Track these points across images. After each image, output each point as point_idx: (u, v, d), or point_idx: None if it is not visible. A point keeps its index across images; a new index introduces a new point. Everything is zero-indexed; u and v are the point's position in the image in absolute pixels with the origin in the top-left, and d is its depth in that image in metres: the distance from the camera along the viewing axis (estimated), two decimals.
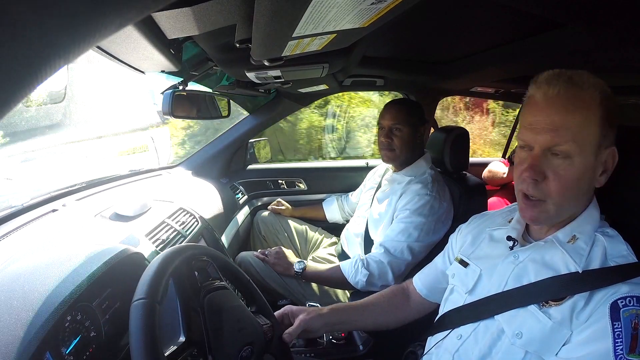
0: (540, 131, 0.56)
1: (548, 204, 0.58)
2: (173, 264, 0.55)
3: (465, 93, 1.98)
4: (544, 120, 0.55)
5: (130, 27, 0.49)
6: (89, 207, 0.98)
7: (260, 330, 0.66)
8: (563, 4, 0.63)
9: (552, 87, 0.55)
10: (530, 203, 0.59)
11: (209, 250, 0.67)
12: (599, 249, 0.58)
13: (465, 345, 0.66)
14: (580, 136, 0.54)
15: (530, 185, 0.58)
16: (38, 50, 0.15)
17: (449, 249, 0.86)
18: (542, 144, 0.56)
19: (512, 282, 0.63)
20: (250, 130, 1.76)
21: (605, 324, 0.50)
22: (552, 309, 0.56)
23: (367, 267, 1.16)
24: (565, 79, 0.55)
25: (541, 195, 0.58)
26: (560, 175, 0.56)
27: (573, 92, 0.54)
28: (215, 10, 0.53)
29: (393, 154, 1.30)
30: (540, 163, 0.57)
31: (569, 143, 0.54)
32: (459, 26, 1.01)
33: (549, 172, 0.56)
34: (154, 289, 0.49)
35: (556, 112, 0.55)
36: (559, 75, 0.56)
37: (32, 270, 0.59)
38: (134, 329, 0.45)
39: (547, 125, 0.55)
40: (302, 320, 0.76)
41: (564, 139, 0.54)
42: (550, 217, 0.59)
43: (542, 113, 0.56)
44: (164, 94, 1.17)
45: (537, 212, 0.59)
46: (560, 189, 0.56)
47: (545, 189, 0.57)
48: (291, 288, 1.29)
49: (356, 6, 0.50)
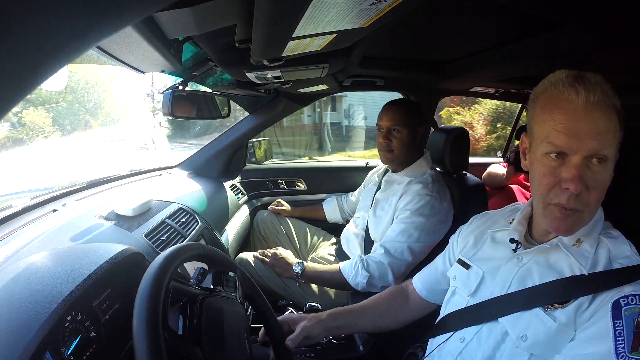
0: (585, 136, 0.52)
1: (584, 213, 0.55)
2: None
3: (465, 93, 1.98)
4: (589, 125, 0.53)
5: (130, 27, 0.49)
6: (89, 207, 0.98)
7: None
8: (563, 4, 0.63)
9: (592, 93, 0.53)
10: (568, 213, 0.56)
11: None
12: (603, 250, 0.58)
13: (468, 348, 0.66)
14: (616, 139, 0.54)
15: (571, 198, 0.54)
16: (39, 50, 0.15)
17: (449, 250, 0.85)
18: (588, 151, 0.53)
19: (515, 285, 0.63)
20: (250, 130, 1.76)
21: (607, 323, 0.50)
22: (557, 312, 0.56)
23: (367, 269, 1.16)
24: (596, 83, 0.54)
25: (581, 207, 0.55)
26: (599, 182, 0.54)
27: (608, 99, 0.54)
28: (215, 10, 0.53)
29: (392, 155, 1.30)
30: (584, 173, 0.53)
31: (611, 147, 0.53)
32: (459, 26, 1.01)
33: (589, 180, 0.54)
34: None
35: (600, 117, 0.53)
36: (587, 78, 0.55)
37: (32, 271, 0.59)
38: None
39: (593, 130, 0.52)
40: (304, 327, 0.76)
41: (608, 142, 0.53)
42: (584, 225, 0.58)
43: (586, 119, 0.53)
44: (163, 94, 1.17)
45: (572, 223, 0.56)
46: (599, 196, 0.55)
47: (585, 199, 0.54)
48: (291, 289, 1.28)
49: (356, 6, 0.50)
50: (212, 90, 1.41)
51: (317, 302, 1.01)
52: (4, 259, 0.67)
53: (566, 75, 0.56)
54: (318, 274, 1.25)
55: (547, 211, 0.58)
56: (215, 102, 1.38)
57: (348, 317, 0.83)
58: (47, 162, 2.15)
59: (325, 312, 0.81)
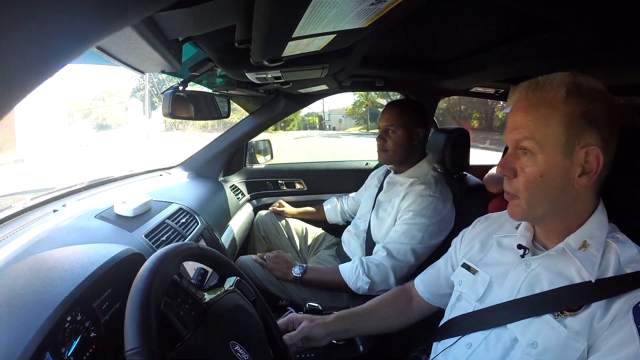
0: (508, 130, 0.62)
1: (520, 200, 0.61)
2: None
3: (465, 93, 1.98)
4: (511, 121, 0.62)
5: (130, 28, 0.49)
6: (90, 207, 0.98)
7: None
8: (563, 4, 0.63)
9: (518, 94, 0.61)
10: (508, 197, 0.63)
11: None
12: (611, 255, 0.57)
13: (475, 354, 0.65)
14: (539, 134, 0.57)
15: (505, 182, 0.63)
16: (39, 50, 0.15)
17: (451, 253, 0.84)
18: (510, 142, 0.62)
19: (524, 291, 0.62)
20: (250, 131, 1.76)
21: (631, 328, 0.49)
22: (568, 319, 0.56)
23: (368, 274, 1.15)
24: (532, 84, 0.60)
25: (513, 190, 0.62)
26: (524, 172, 0.59)
27: (536, 94, 0.59)
28: (214, 10, 0.53)
29: (386, 155, 1.32)
30: (510, 160, 0.61)
31: (528, 140, 0.58)
32: (459, 26, 1.01)
33: (516, 168, 0.61)
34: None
35: (518, 113, 0.60)
36: (529, 83, 0.61)
37: (32, 271, 0.59)
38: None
39: (512, 125, 0.61)
40: (305, 326, 0.76)
41: (523, 135, 0.59)
42: (524, 211, 0.61)
43: (511, 116, 0.62)
44: (163, 94, 1.17)
45: (512, 207, 0.63)
46: (525, 183, 0.60)
47: (515, 185, 0.61)
48: (290, 292, 1.28)
49: (356, 7, 0.50)
50: (212, 90, 1.42)
51: (317, 303, 1.01)
52: (4, 259, 0.67)
53: (525, 82, 0.62)
54: (317, 278, 1.24)
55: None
56: (215, 102, 1.38)
57: (353, 320, 0.83)
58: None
59: (331, 316, 0.81)
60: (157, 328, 0.47)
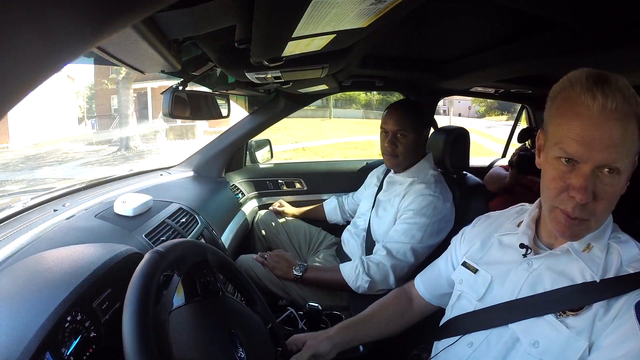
0: (597, 147, 0.50)
1: (591, 222, 0.55)
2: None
3: (465, 93, 1.99)
4: (602, 135, 0.50)
5: (130, 28, 0.49)
6: (90, 207, 0.99)
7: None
8: (563, 4, 0.63)
9: (611, 100, 0.50)
10: (574, 222, 0.54)
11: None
12: (613, 255, 0.57)
13: (476, 353, 0.65)
14: (632, 151, 0.52)
15: (577, 207, 0.53)
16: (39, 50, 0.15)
17: (451, 252, 0.84)
18: (599, 162, 0.51)
19: (526, 290, 0.62)
20: (250, 130, 1.76)
21: (633, 324, 0.50)
22: (570, 319, 0.55)
23: (368, 273, 1.15)
24: (617, 88, 0.51)
25: (587, 216, 0.54)
26: (609, 194, 0.52)
27: (628, 107, 0.50)
28: (215, 10, 0.53)
29: (396, 160, 1.29)
30: (591, 183, 0.51)
31: (623, 160, 0.51)
32: (459, 26, 1.01)
33: (598, 191, 0.52)
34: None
35: (615, 127, 0.49)
36: (607, 81, 0.51)
37: (32, 271, 0.59)
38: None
39: (607, 141, 0.50)
40: (310, 345, 0.75)
41: (621, 155, 0.50)
42: (590, 232, 0.57)
43: (600, 127, 0.50)
44: (163, 94, 1.17)
45: (577, 231, 0.56)
46: (607, 207, 0.54)
47: (591, 209, 0.53)
48: (291, 291, 1.28)
49: (356, 6, 0.50)
50: (212, 90, 1.41)
51: (317, 303, 1.01)
52: (4, 259, 0.67)
53: (586, 76, 0.53)
54: (318, 277, 1.24)
55: (553, 214, 0.57)
56: (215, 102, 1.37)
57: (357, 328, 0.82)
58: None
59: (334, 328, 0.80)
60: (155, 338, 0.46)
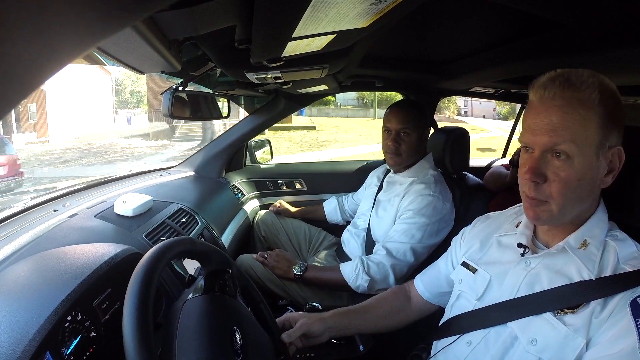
0: (539, 132, 0.57)
1: (551, 205, 0.58)
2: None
3: (465, 93, 1.98)
4: (542, 121, 0.56)
5: (129, 28, 0.49)
6: (90, 207, 0.99)
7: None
8: (563, 4, 0.63)
9: (548, 90, 0.56)
10: (534, 203, 0.59)
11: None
12: (610, 254, 0.58)
13: (475, 352, 0.65)
14: (579, 136, 0.54)
15: (531, 188, 0.58)
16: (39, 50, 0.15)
17: (451, 252, 0.84)
18: (541, 145, 0.57)
19: (524, 289, 0.62)
20: (250, 131, 1.76)
21: (628, 322, 0.50)
22: (567, 317, 0.56)
23: (368, 272, 1.15)
24: (562, 81, 0.56)
25: (543, 197, 0.58)
26: (561, 177, 0.56)
27: (570, 93, 0.55)
28: (215, 10, 0.53)
29: (399, 159, 1.28)
30: (540, 165, 0.57)
31: (567, 143, 0.55)
32: (459, 26, 1.01)
33: (549, 173, 0.57)
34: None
35: (554, 113, 0.55)
36: (555, 77, 0.57)
37: (32, 270, 0.59)
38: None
39: (546, 126, 0.56)
40: (303, 323, 0.76)
41: (562, 138, 0.55)
42: (554, 216, 0.59)
43: (540, 115, 0.57)
44: (163, 94, 1.17)
45: (539, 212, 0.59)
46: (561, 189, 0.56)
47: (546, 191, 0.57)
48: (291, 291, 1.28)
49: (356, 7, 0.50)
50: (212, 91, 1.41)
51: (318, 302, 1.01)
52: (4, 258, 0.67)
53: (545, 77, 0.58)
54: (318, 276, 1.24)
55: (523, 200, 0.62)
56: (215, 102, 1.37)
57: (351, 317, 0.83)
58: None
59: (329, 312, 0.81)
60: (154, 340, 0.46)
